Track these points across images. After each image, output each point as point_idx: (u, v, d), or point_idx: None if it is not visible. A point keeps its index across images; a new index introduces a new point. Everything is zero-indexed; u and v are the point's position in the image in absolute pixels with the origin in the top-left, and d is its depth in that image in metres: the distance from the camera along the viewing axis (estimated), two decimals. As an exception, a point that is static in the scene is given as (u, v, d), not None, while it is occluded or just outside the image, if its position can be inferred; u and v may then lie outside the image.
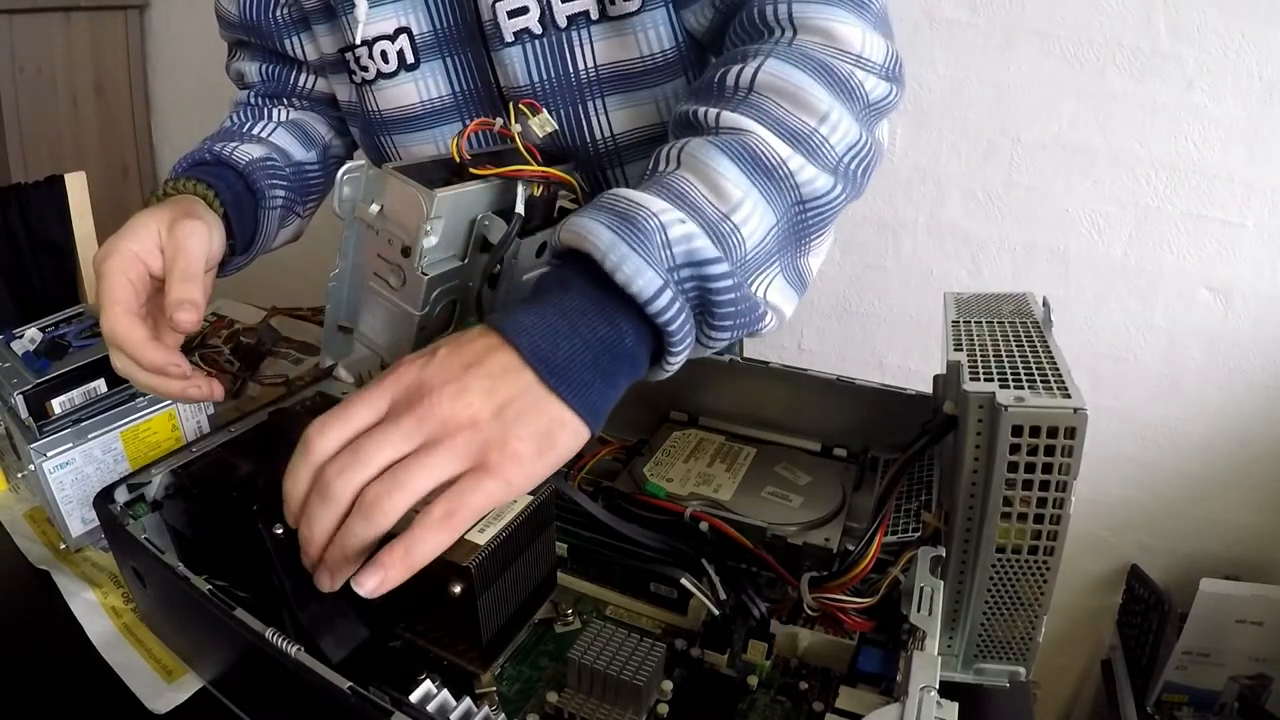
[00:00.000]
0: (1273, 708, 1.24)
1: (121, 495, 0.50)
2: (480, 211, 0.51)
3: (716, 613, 0.48)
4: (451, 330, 0.53)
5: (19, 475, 0.63)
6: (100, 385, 0.62)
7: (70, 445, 0.59)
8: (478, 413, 0.36)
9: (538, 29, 0.61)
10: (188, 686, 0.49)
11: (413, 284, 0.48)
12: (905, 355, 1.42)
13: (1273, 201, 1.15)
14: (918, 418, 0.51)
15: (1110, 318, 1.28)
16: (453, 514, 0.34)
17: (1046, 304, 0.50)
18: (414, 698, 0.36)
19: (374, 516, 0.34)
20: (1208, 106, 1.13)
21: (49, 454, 0.58)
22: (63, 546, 0.60)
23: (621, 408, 0.40)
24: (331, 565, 0.36)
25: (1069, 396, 0.39)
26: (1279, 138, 1.12)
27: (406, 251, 0.48)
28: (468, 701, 0.38)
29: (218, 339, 0.98)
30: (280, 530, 0.42)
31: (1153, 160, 1.18)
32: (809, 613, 0.47)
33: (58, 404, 0.60)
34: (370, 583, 0.34)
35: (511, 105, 0.55)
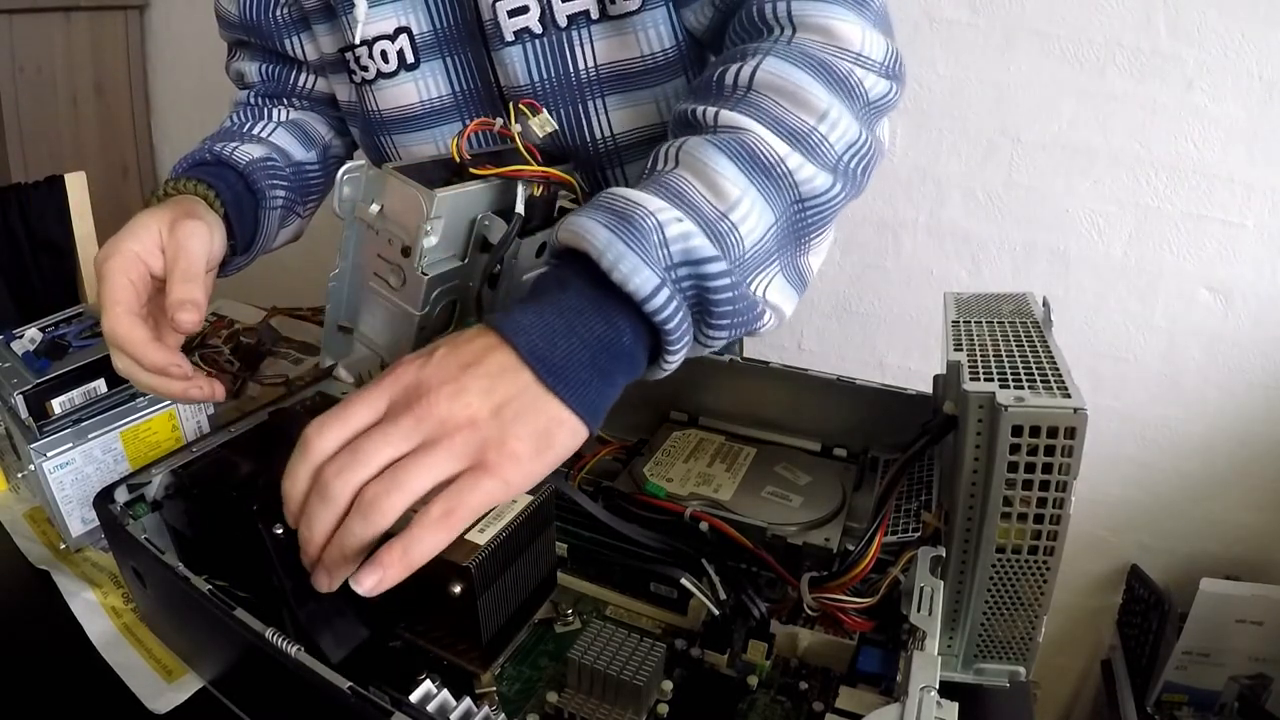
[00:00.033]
0: (1273, 708, 1.24)
1: (121, 495, 0.50)
2: (480, 211, 0.51)
3: (716, 613, 0.48)
4: (451, 330, 0.53)
5: (19, 475, 0.63)
6: (100, 385, 0.62)
7: (70, 445, 0.59)
8: (476, 412, 0.36)
9: (538, 28, 0.61)
10: (188, 686, 0.49)
11: (413, 284, 0.48)
12: (905, 355, 1.42)
13: (1273, 201, 1.15)
14: (918, 418, 0.51)
15: (1110, 318, 1.28)
16: (451, 513, 0.34)
17: (1046, 304, 0.49)
18: (414, 698, 0.36)
19: (372, 516, 0.34)
20: (1208, 106, 1.13)
21: (49, 454, 0.58)
22: (63, 546, 0.60)
23: (621, 408, 0.40)
24: (329, 565, 0.36)
25: (1069, 396, 0.39)
26: (1279, 138, 1.12)
27: (406, 251, 0.48)
28: (468, 701, 0.38)
29: (218, 339, 0.98)
30: (280, 530, 0.42)
31: (1153, 160, 1.18)
32: (809, 613, 0.47)
33: (58, 404, 0.60)
34: (369, 581, 0.34)
35: (511, 105, 0.55)
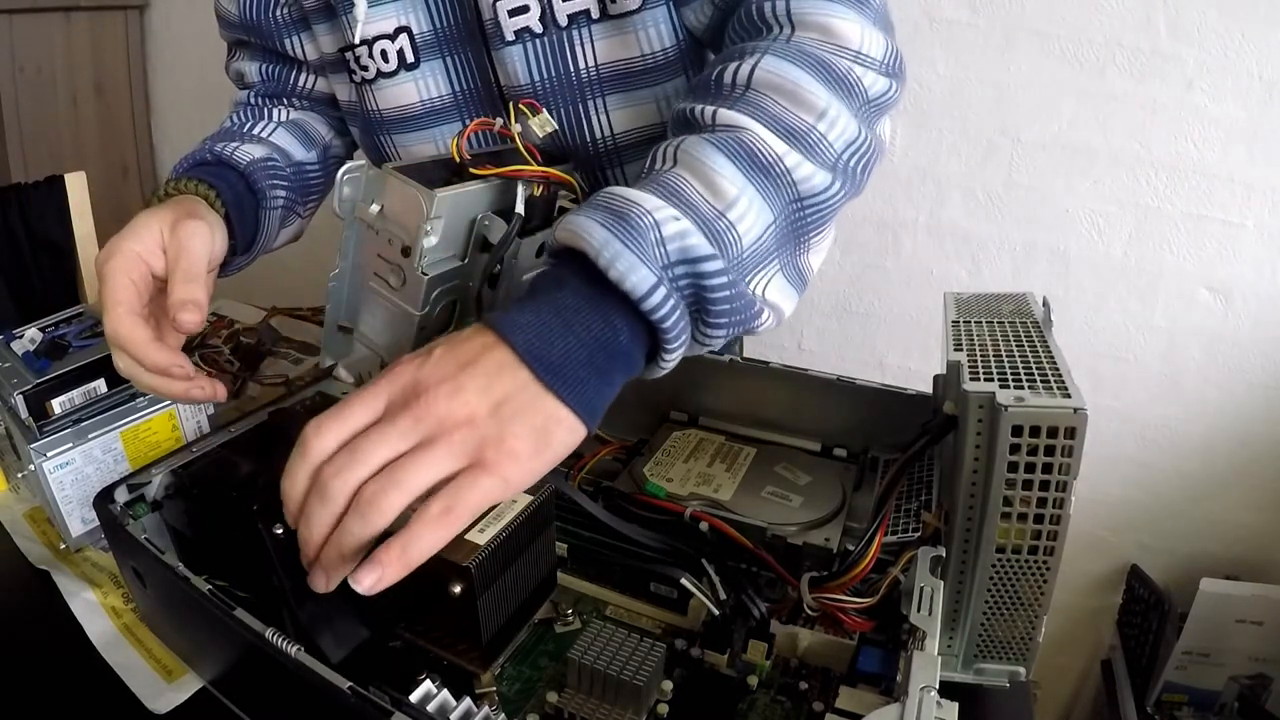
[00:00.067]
0: (1273, 708, 1.24)
1: (121, 495, 0.50)
2: (480, 211, 0.51)
3: (716, 613, 0.48)
4: (451, 330, 0.53)
5: (19, 475, 0.63)
6: (100, 385, 0.62)
7: (70, 445, 0.59)
8: (474, 410, 0.36)
9: (538, 28, 0.61)
10: (188, 686, 0.49)
11: (413, 284, 0.48)
12: (905, 355, 1.42)
13: (1273, 201, 1.15)
14: (918, 418, 0.51)
15: (1110, 318, 1.28)
16: (450, 511, 0.34)
17: (1046, 304, 0.49)
18: (414, 698, 0.36)
19: (371, 515, 0.34)
20: (1208, 106, 1.13)
21: (49, 454, 0.58)
22: (63, 546, 0.60)
23: (621, 408, 0.40)
24: (326, 565, 0.36)
25: (1069, 396, 0.39)
26: (1279, 138, 1.12)
27: (406, 251, 0.48)
28: (468, 701, 0.38)
29: (218, 339, 0.98)
30: (280, 530, 0.42)
31: (1153, 160, 1.18)
32: (809, 613, 0.47)
33: (58, 404, 0.60)
34: (367, 580, 0.34)
35: (511, 105, 0.55)
